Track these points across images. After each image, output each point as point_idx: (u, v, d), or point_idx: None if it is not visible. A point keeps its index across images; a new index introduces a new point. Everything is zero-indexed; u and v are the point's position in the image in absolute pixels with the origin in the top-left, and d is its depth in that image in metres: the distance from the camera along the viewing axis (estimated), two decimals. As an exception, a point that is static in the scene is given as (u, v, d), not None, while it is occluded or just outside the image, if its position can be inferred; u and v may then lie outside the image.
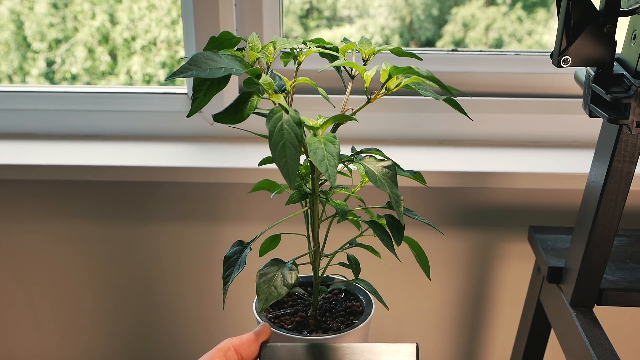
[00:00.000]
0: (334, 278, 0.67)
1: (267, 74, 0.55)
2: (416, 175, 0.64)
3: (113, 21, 1.64)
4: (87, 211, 1.13)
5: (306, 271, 0.64)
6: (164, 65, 1.69)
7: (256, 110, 0.54)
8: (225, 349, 0.55)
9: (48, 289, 1.19)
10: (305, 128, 0.52)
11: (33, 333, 1.23)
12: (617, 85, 0.66)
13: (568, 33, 0.64)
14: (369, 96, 0.58)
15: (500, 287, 1.16)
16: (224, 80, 0.53)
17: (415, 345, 0.55)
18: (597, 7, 0.64)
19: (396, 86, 0.57)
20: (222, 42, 0.56)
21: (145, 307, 1.20)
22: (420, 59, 0.62)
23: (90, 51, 1.66)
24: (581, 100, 0.72)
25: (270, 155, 0.50)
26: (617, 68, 0.67)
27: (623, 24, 0.67)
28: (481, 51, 1.13)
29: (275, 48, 0.57)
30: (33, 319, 1.22)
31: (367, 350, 0.55)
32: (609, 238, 0.75)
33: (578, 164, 1.04)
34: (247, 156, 1.06)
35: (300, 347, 0.56)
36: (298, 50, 0.59)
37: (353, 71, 0.60)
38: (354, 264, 0.65)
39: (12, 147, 1.12)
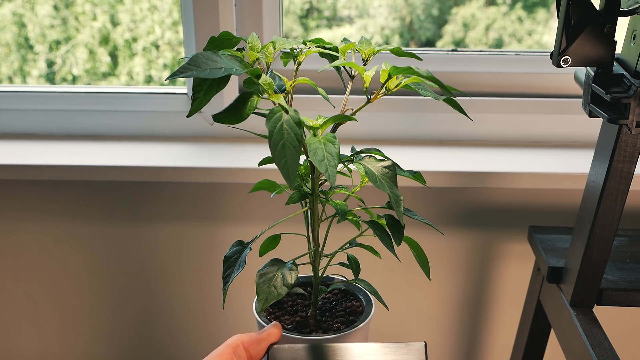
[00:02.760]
0: (333, 278, 0.67)
1: (267, 74, 0.55)
2: (416, 175, 0.64)
3: (114, 22, 1.64)
4: (87, 211, 1.13)
5: (306, 271, 0.64)
6: (165, 66, 1.69)
7: (256, 110, 0.54)
8: (234, 346, 0.55)
9: (48, 289, 1.20)
10: (305, 128, 0.52)
11: (33, 333, 1.23)
12: (617, 85, 0.66)
13: (568, 33, 0.64)
14: (369, 96, 0.58)
15: (500, 287, 1.16)
16: (223, 81, 0.53)
17: (423, 343, 0.55)
18: (597, 7, 0.64)
19: (396, 86, 0.57)
20: (222, 42, 0.56)
21: (145, 307, 1.20)
22: (420, 59, 0.62)
23: (91, 52, 1.66)
24: (581, 100, 0.72)
25: (270, 155, 0.50)
26: (617, 68, 0.67)
27: (623, 24, 0.67)
28: (481, 51, 1.13)
29: (275, 48, 0.57)
30: (33, 318, 1.22)
31: (375, 351, 0.55)
32: (609, 238, 0.75)
33: (578, 164, 1.04)
34: (247, 156, 1.06)
35: (308, 348, 0.56)
36: (298, 50, 0.59)
37: (353, 71, 0.60)
38: (353, 264, 0.65)
39: (12, 147, 1.12)
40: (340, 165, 0.58)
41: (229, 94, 1.08)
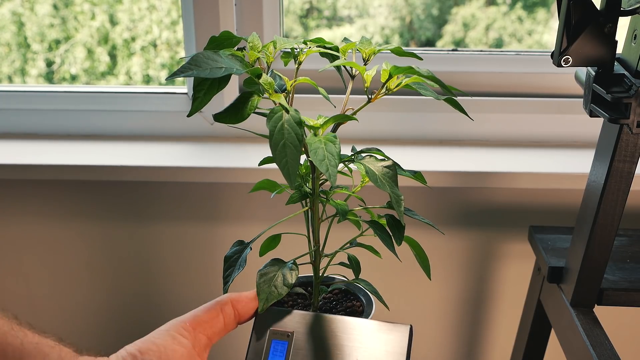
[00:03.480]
0: (334, 278, 0.67)
1: (267, 74, 0.55)
2: (416, 175, 0.63)
3: (113, 21, 1.64)
4: (87, 211, 1.13)
5: (306, 271, 0.64)
6: (164, 66, 1.69)
7: (256, 110, 0.54)
8: (223, 303, 0.56)
9: (48, 289, 1.19)
10: (305, 128, 0.52)
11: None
12: (618, 85, 0.66)
13: (569, 33, 0.64)
14: (370, 96, 0.58)
15: (501, 287, 1.16)
16: (224, 80, 0.53)
17: (409, 326, 0.56)
18: (598, 6, 0.64)
19: (397, 86, 0.57)
20: (222, 41, 0.56)
21: (145, 307, 1.20)
22: (420, 58, 0.62)
23: (90, 52, 1.66)
24: (581, 100, 0.72)
25: (271, 155, 0.50)
26: (618, 68, 0.67)
27: (624, 24, 0.67)
28: (481, 51, 1.13)
29: (275, 48, 0.57)
30: (33, 318, 1.22)
31: (361, 325, 0.56)
32: (609, 238, 0.75)
33: (578, 164, 1.03)
34: (247, 156, 1.06)
35: (296, 314, 0.57)
36: (298, 50, 0.58)
37: (353, 71, 0.60)
38: (354, 264, 0.64)
39: (12, 147, 1.12)
40: (341, 165, 0.58)
41: (230, 93, 1.08)
